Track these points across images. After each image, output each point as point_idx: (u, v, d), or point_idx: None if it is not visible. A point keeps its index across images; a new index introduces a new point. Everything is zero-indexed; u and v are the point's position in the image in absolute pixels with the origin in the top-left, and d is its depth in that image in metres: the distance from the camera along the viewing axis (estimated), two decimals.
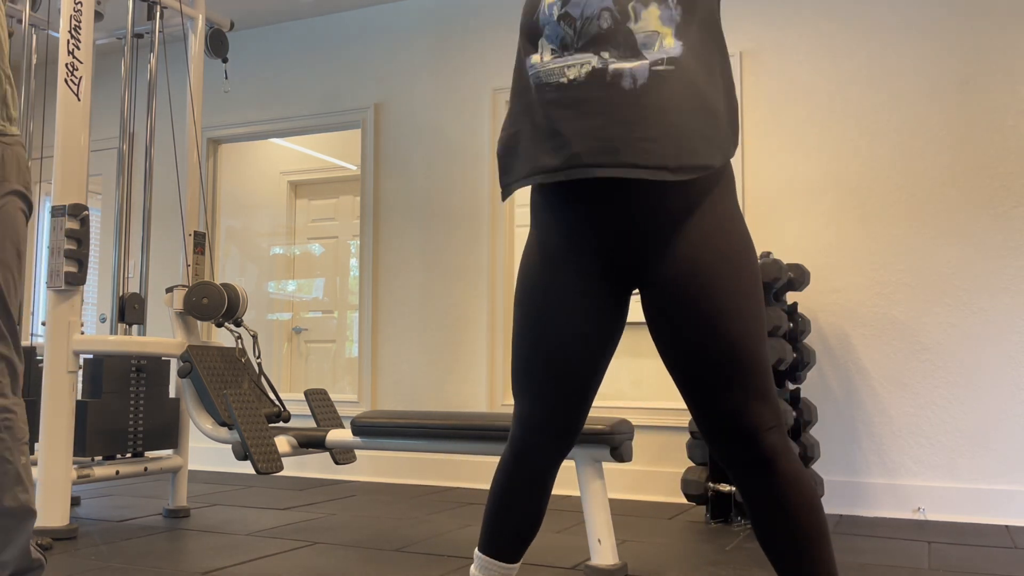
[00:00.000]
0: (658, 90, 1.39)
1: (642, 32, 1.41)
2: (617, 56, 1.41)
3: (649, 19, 1.42)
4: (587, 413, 1.63)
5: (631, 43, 1.41)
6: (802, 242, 4.01)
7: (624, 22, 1.42)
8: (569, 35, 1.45)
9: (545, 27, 1.49)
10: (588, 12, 1.44)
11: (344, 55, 5.21)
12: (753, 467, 1.42)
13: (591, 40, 1.43)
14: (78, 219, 3.20)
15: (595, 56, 1.42)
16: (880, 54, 3.98)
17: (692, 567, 2.79)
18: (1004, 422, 3.67)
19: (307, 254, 6.60)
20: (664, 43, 1.41)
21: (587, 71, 1.42)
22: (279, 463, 3.05)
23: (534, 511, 1.67)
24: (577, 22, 1.45)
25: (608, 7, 1.43)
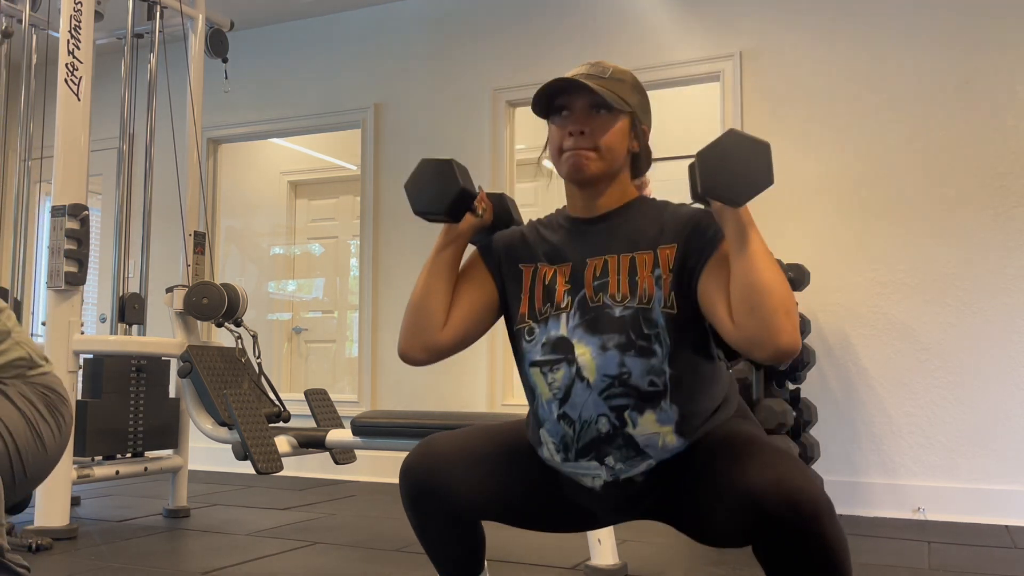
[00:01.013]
0: (664, 480, 1.49)
1: (642, 435, 1.47)
2: (621, 460, 1.48)
3: (646, 424, 1.46)
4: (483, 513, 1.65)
5: (634, 445, 1.47)
6: (802, 242, 4.01)
7: (622, 427, 1.47)
8: (569, 435, 1.50)
9: (545, 421, 1.54)
10: (586, 416, 1.48)
11: (344, 55, 5.20)
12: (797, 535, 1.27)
13: (591, 443, 1.49)
14: (78, 219, 3.20)
15: (601, 466, 1.49)
16: (880, 54, 3.98)
17: (692, 567, 2.79)
18: (1004, 422, 3.67)
19: (307, 254, 6.60)
20: (666, 442, 1.47)
21: (600, 484, 1.51)
22: (279, 463, 3.05)
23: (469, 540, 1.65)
24: (576, 424, 1.49)
25: (604, 413, 1.47)
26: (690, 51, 4.34)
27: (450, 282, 1.64)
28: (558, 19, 4.66)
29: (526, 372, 1.57)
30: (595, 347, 1.47)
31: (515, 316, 1.60)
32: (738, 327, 1.36)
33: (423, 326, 1.60)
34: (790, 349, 1.32)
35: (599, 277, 1.52)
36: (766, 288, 1.33)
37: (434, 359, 1.62)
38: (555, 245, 1.60)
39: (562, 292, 1.54)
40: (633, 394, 1.45)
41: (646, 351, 1.45)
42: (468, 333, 1.63)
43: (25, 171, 4.10)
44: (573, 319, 1.51)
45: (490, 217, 1.71)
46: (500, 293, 1.65)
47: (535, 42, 4.69)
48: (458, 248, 1.67)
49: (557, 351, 1.51)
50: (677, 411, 1.46)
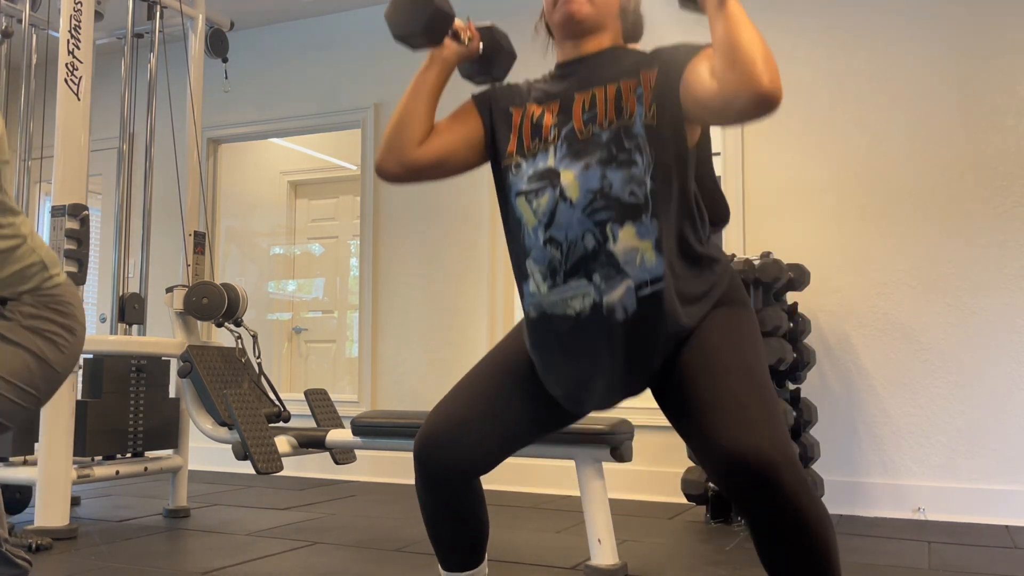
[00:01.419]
0: (646, 314, 1.48)
1: (622, 251, 1.48)
2: (605, 278, 1.48)
3: (626, 237, 1.48)
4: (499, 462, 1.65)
5: (614, 263, 1.48)
6: (802, 242, 4.01)
7: (605, 243, 1.48)
8: (556, 258, 1.52)
9: (532, 249, 1.55)
10: (572, 235, 1.50)
11: (344, 55, 5.20)
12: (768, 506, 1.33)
13: (578, 262, 1.50)
14: (78, 219, 3.20)
15: (589, 283, 1.49)
16: (880, 54, 3.98)
17: (692, 567, 2.79)
18: (1004, 422, 3.67)
19: (307, 254, 6.60)
20: (645, 259, 1.48)
21: (589, 304, 1.50)
22: (279, 463, 3.05)
23: (472, 522, 1.66)
24: (563, 245, 1.51)
25: (589, 229, 1.49)
26: None
27: (431, 103, 1.69)
28: None
29: (512, 204, 1.59)
30: (579, 169, 1.51)
31: (503, 153, 1.64)
32: (720, 83, 1.39)
33: (399, 141, 1.64)
34: (771, 91, 1.34)
35: (588, 110, 1.55)
36: (746, 42, 1.39)
37: (409, 176, 1.65)
38: (544, 89, 1.66)
39: (549, 127, 1.58)
40: (615, 206, 1.47)
41: (627, 163, 1.48)
42: (445, 159, 1.67)
43: (25, 171, 4.10)
44: (560, 150, 1.54)
45: (477, 46, 1.74)
46: (488, 134, 1.68)
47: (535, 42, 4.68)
48: (441, 72, 1.71)
49: (543, 179, 1.54)
50: (657, 226, 1.48)
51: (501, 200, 1.64)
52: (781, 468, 1.31)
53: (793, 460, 1.33)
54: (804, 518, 1.33)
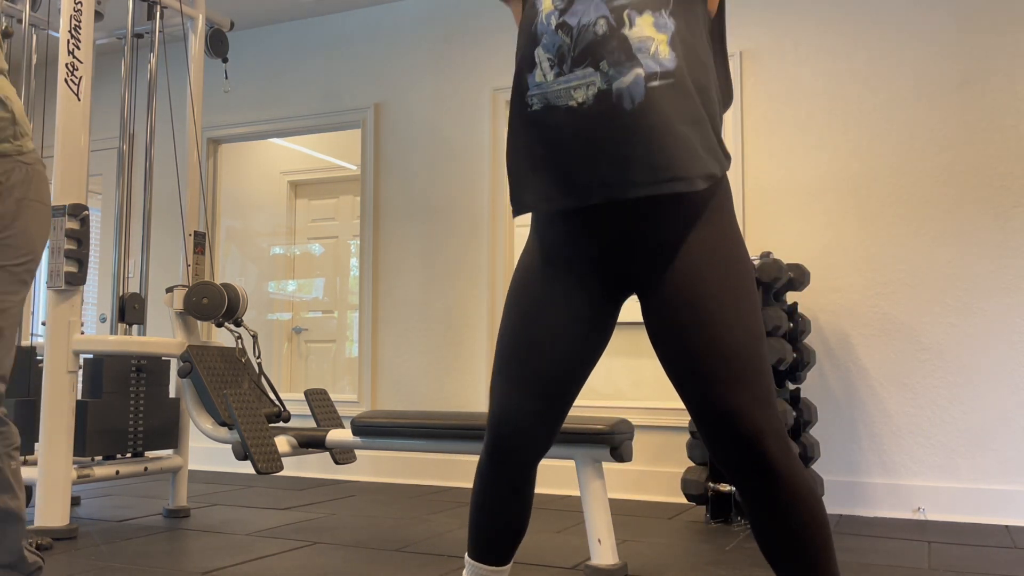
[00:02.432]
0: (654, 108, 1.41)
1: (636, 38, 1.43)
2: (614, 64, 1.43)
3: (643, 25, 1.44)
4: (563, 419, 1.63)
5: (626, 48, 1.43)
6: (802, 242, 4.01)
7: (619, 28, 1.44)
8: (566, 43, 1.48)
9: (543, 36, 1.51)
10: (585, 20, 1.46)
11: (344, 55, 5.21)
12: (752, 473, 1.39)
13: (587, 47, 1.45)
14: (78, 219, 3.20)
15: (596, 72, 1.44)
16: (880, 54, 3.98)
17: (692, 567, 2.79)
18: (1004, 422, 3.67)
19: (307, 254, 6.60)
20: (659, 51, 1.43)
21: (594, 93, 1.44)
22: (279, 463, 3.05)
23: (518, 513, 1.66)
24: (574, 30, 1.47)
25: (604, 15, 1.45)
26: None
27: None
28: None
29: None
30: None
31: None
32: None
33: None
34: None
35: None
36: None
37: None
38: None
39: None
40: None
41: None
42: None
43: None
44: None
45: None
46: None
47: None
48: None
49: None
50: (674, 24, 1.45)
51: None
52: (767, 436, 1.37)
53: (782, 431, 1.39)
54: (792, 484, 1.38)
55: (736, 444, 1.38)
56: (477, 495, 1.66)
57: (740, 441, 1.38)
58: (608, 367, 5.44)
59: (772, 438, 1.38)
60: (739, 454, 1.39)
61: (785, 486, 1.38)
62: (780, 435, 1.39)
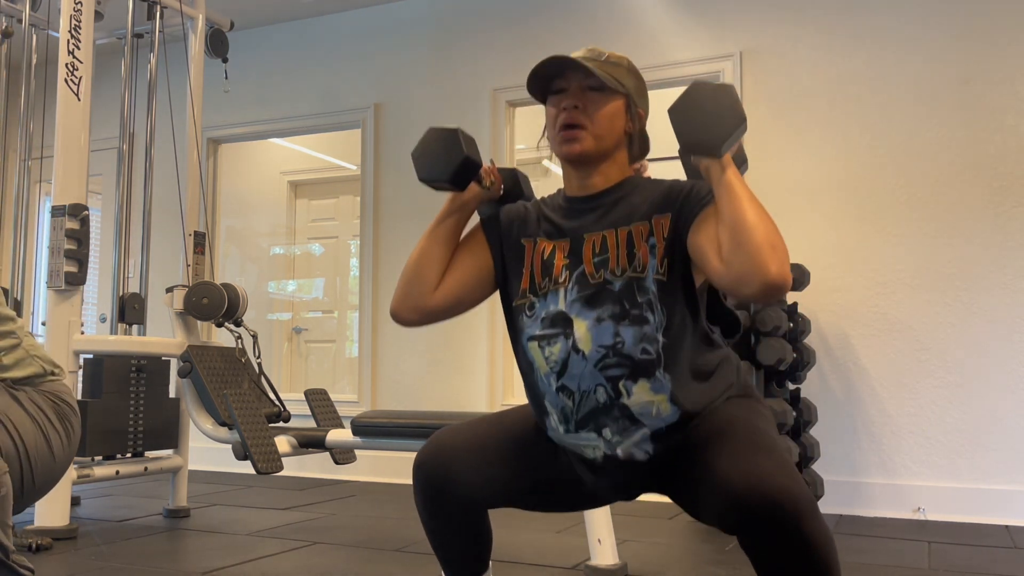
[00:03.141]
0: (668, 450, 1.51)
1: (636, 404, 1.49)
2: (618, 432, 1.50)
3: (640, 392, 1.48)
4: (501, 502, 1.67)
5: (628, 415, 1.49)
6: (802, 242, 4.01)
7: (618, 398, 1.49)
8: (569, 407, 1.53)
9: (546, 395, 1.56)
10: (584, 387, 1.51)
11: (344, 55, 5.20)
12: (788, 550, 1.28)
13: (590, 413, 1.51)
14: (78, 219, 3.20)
15: (599, 439, 1.51)
16: (880, 54, 3.98)
17: (692, 567, 2.79)
18: (1004, 422, 3.67)
19: (307, 254, 6.60)
20: (660, 410, 1.49)
21: (601, 455, 1.54)
22: (279, 463, 3.05)
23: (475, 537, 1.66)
24: (575, 395, 1.52)
25: (601, 383, 1.49)
26: (690, 51, 4.34)
27: (448, 249, 1.66)
28: (558, 19, 4.66)
29: (524, 347, 1.59)
30: (591, 320, 1.50)
31: (515, 291, 1.62)
32: (726, 265, 1.37)
33: (416, 289, 1.63)
34: (779, 282, 1.32)
35: (599, 253, 1.54)
36: (751, 224, 1.35)
37: (424, 321, 1.65)
38: (554, 222, 1.62)
39: (560, 267, 1.57)
40: (627, 363, 1.47)
41: (639, 319, 1.48)
42: (460, 300, 1.65)
43: (25, 171, 4.10)
44: (571, 294, 1.54)
45: (499, 190, 1.72)
46: (498, 267, 1.66)
47: (535, 42, 4.69)
48: (461, 217, 1.69)
49: (555, 325, 1.54)
50: (671, 380, 1.47)
51: (512, 337, 1.64)
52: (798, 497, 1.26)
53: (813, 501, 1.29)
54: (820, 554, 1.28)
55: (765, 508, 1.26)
56: (427, 527, 1.67)
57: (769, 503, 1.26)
58: None
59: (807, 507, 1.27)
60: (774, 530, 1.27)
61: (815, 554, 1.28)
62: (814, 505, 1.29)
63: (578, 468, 1.60)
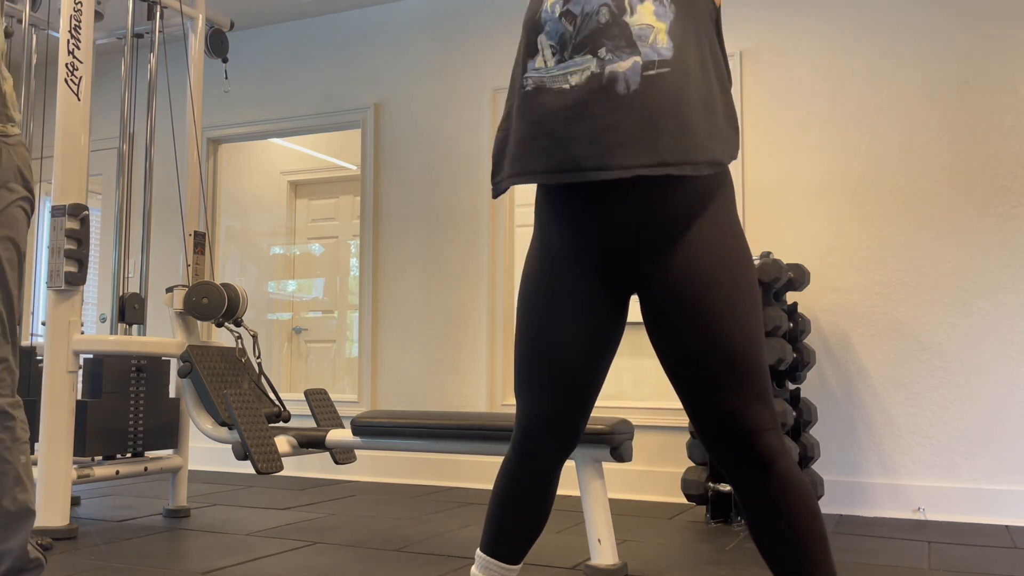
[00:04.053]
0: (650, 94, 1.42)
1: (637, 25, 1.45)
2: (613, 50, 1.45)
3: (644, 13, 1.46)
4: (588, 415, 1.65)
5: (627, 35, 1.45)
6: (802, 242, 4.01)
7: (620, 15, 1.46)
8: (568, 31, 1.49)
9: (546, 24, 1.53)
10: (588, 8, 1.48)
11: (344, 55, 5.21)
12: (750, 469, 1.42)
13: (589, 35, 1.47)
14: (78, 219, 3.20)
15: (594, 58, 1.46)
16: (880, 54, 3.98)
17: (692, 567, 2.79)
18: (1004, 422, 3.67)
19: (307, 254, 6.60)
20: (658, 39, 1.45)
21: (586, 77, 1.45)
22: (279, 463, 3.05)
23: (538, 513, 1.67)
24: (577, 18, 1.49)
25: (606, 3, 1.47)
26: None
27: None
28: None
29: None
30: None
31: None
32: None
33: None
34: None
35: None
36: None
37: None
38: None
39: None
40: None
41: None
42: None
43: None
44: None
45: None
46: None
47: None
48: None
49: None
50: (675, 12, 1.46)
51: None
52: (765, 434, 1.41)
53: (778, 428, 1.43)
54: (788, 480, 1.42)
55: (734, 441, 1.42)
56: (500, 490, 1.67)
57: (738, 438, 1.42)
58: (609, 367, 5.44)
59: (769, 436, 1.42)
60: (737, 451, 1.42)
61: (781, 482, 1.42)
62: (776, 432, 1.43)
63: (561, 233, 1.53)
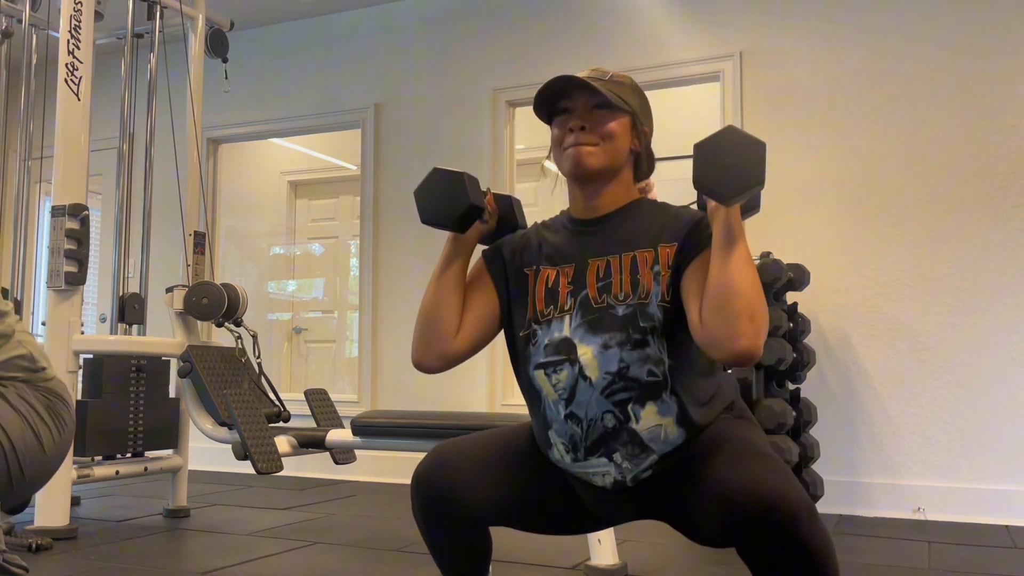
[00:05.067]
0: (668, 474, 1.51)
1: (645, 429, 1.49)
2: (628, 457, 1.50)
3: (648, 417, 1.49)
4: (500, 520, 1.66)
5: (638, 441, 1.49)
6: (802, 242, 4.01)
7: (626, 422, 1.49)
8: (578, 434, 1.53)
9: (553, 423, 1.56)
10: (591, 414, 1.51)
11: (344, 55, 5.20)
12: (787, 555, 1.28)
13: (599, 439, 1.51)
14: (78, 219, 3.19)
15: (610, 464, 1.51)
16: (880, 54, 3.98)
17: (692, 567, 2.79)
18: (1004, 422, 3.67)
19: (307, 254, 6.60)
20: (668, 432, 1.50)
21: (611, 482, 1.53)
22: (279, 463, 3.05)
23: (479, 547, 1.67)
24: (583, 422, 1.52)
25: (609, 409, 1.50)
26: (690, 51, 4.34)
27: (460, 291, 1.65)
28: (558, 19, 4.66)
29: (530, 376, 1.58)
30: (597, 346, 1.50)
31: (521, 322, 1.61)
32: (704, 324, 1.39)
33: (436, 336, 1.63)
34: (747, 354, 1.34)
35: (602, 278, 1.54)
36: (736, 289, 1.36)
37: (448, 366, 1.65)
38: (557, 246, 1.62)
39: (565, 294, 1.57)
40: (634, 387, 1.48)
41: (643, 343, 1.48)
42: (480, 339, 1.65)
43: (25, 171, 4.10)
44: (575, 319, 1.53)
45: (494, 223, 1.73)
46: (503, 301, 1.66)
47: (535, 42, 4.69)
48: (466, 257, 1.69)
49: (560, 352, 1.53)
50: (676, 402, 1.48)
51: (516, 366, 1.64)
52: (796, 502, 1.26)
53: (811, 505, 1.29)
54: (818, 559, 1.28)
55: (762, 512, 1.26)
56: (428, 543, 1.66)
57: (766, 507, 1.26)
58: None
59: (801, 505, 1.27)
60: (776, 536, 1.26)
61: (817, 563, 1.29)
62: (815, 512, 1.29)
63: (582, 493, 1.60)
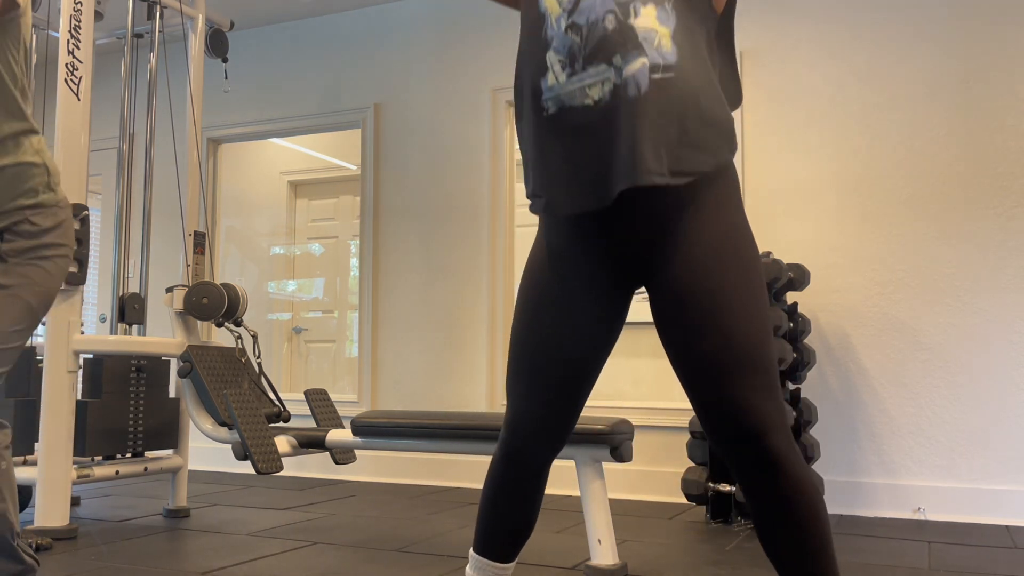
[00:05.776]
0: (657, 99, 1.44)
1: (642, 28, 1.46)
2: (623, 55, 1.46)
3: (647, 16, 1.47)
4: (578, 415, 1.65)
5: (633, 38, 1.46)
6: (802, 242, 4.01)
7: (625, 19, 1.47)
8: (576, 43, 1.50)
9: (553, 40, 1.53)
10: (592, 17, 1.49)
11: (344, 55, 5.21)
12: (757, 467, 1.41)
13: (598, 44, 1.48)
14: (78, 219, 3.20)
15: (609, 67, 1.46)
16: (880, 54, 3.98)
17: (692, 567, 2.79)
18: (1004, 422, 3.67)
19: (307, 254, 6.60)
20: (662, 43, 1.46)
21: (609, 89, 1.46)
22: (279, 463, 3.05)
23: (527, 512, 1.68)
24: (584, 29, 1.50)
25: (611, 8, 1.48)
26: None
27: None
28: None
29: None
30: None
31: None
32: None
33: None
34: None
35: None
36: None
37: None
38: None
39: None
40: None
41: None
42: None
43: None
44: None
45: None
46: None
47: None
48: None
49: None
50: (676, 18, 1.48)
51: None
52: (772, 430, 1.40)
53: (786, 425, 1.42)
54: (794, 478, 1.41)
55: (741, 438, 1.41)
56: (489, 491, 1.68)
57: (745, 435, 1.40)
58: (608, 367, 5.44)
59: (777, 432, 1.40)
60: (744, 448, 1.41)
61: (788, 480, 1.40)
62: (784, 429, 1.42)
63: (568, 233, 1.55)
